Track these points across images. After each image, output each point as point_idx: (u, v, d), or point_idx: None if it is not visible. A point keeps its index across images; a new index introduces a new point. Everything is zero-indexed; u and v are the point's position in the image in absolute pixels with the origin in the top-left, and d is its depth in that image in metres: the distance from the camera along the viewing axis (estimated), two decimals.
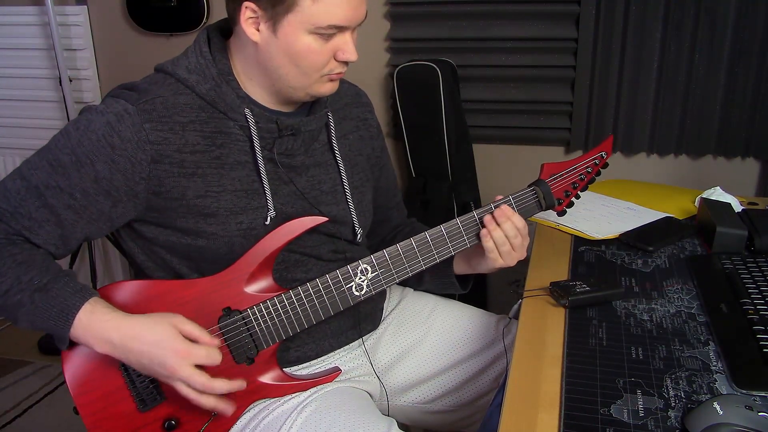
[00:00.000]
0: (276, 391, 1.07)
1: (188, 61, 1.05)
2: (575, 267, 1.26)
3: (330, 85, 1.05)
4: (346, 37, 1.00)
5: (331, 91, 1.07)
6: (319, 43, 0.99)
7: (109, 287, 1.03)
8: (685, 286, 1.17)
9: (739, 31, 1.88)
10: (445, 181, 2.12)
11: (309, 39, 0.98)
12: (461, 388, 1.26)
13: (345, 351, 1.19)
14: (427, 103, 2.05)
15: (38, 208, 0.98)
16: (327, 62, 1.01)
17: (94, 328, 0.95)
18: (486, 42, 2.12)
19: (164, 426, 1.03)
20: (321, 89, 1.05)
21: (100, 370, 1.00)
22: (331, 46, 1.00)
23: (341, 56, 1.01)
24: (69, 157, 0.98)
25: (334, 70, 1.03)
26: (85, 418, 1.01)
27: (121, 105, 0.99)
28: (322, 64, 1.01)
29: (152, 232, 1.06)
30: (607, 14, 1.96)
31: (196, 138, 1.02)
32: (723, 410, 0.80)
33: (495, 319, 1.31)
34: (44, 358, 2.47)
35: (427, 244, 1.09)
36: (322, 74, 1.02)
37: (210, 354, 0.97)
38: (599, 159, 1.21)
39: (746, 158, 2.04)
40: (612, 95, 2.05)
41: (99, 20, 2.50)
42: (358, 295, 1.08)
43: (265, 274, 1.05)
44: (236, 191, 1.04)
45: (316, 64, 1.00)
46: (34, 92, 2.57)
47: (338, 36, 1.00)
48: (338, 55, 1.01)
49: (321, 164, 1.14)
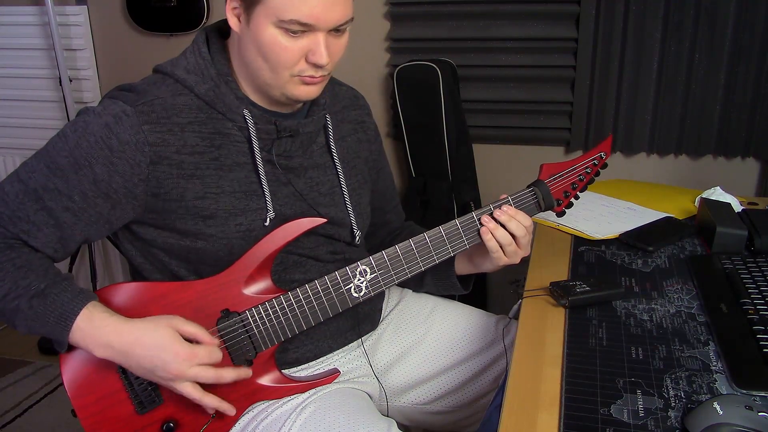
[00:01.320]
0: (275, 393, 1.07)
1: (187, 61, 1.04)
2: (575, 267, 1.26)
3: (304, 88, 1.01)
4: (318, 39, 0.97)
5: (308, 95, 1.03)
6: (286, 38, 0.96)
7: (107, 289, 1.03)
8: (685, 286, 1.17)
9: (739, 31, 1.88)
10: (445, 181, 2.12)
11: (274, 32, 0.96)
12: (461, 388, 1.25)
13: (344, 352, 1.19)
14: (427, 103, 2.05)
15: (36, 212, 0.98)
16: (296, 62, 0.98)
17: (93, 333, 0.95)
18: (486, 42, 2.12)
19: (163, 428, 1.02)
20: (295, 91, 1.01)
21: (98, 372, 1.00)
22: (302, 45, 0.97)
23: (310, 58, 0.98)
24: (67, 160, 0.97)
25: (305, 72, 0.99)
26: (83, 420, 1.00)
27: (119, 106, 0.98)
28: (289, 61, 0.98)
29: (151, 234, 1.05)
30: (607, 14, 1.96)
31: (194, 139, 1.01)
32: (723, 410, 0.80)
33: (495, 319, 1.31)
34: (44, 358, 2.47)
35: (426, 246, 1.09)
36: (291, 74, 0.99)
37: (212, 353, 0.98)
38: (598, 159, 1.21)
39: (746, 158, 2.04)
40: (612, 95, 2.04)
41: (99, 20, 2.50)
42: (357, 297, 1.08)
43: (264, 275, 1.05)
44: (235, 192, 1.04)
45: (282, 60, 0.98)
46: (34, 92, 2.57)
47: (309, 36, 0.97)
48: (308, 57, 0.98)
49: (319, 166, 1.14)
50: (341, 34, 1.00)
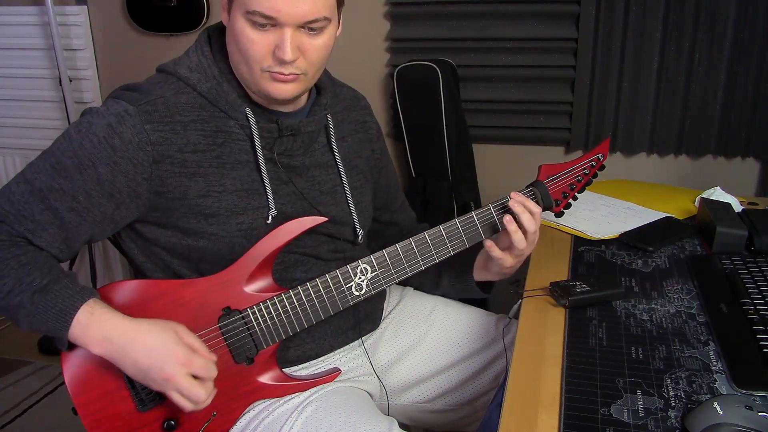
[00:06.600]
0: (275, 392, 1.07)
1: (190, 60, 1.05)
2: (575, 267, 1.26)
3: (277, 86, 1.00)
4: (284, 34, 0.96)
5: (282, 94, 1.01)
6: (254, 31, 0.96)
7: (109, 287, 1.03)
8: (685, 286, 1.17)
9: (739, 31, 1.88)
10: (445, 181, 2.12)
11: (244, 23, 0.96)
12: (461, 387, 1.26)
13: (345, 351, 1.19)
14: (427, 103, 2.05)
15: (42, 211, 0.98)
16: (264, 56, 0.98)
17: (93, 327, 0.95)
18: (486, 42, 2.12)
19: (163, 426, 1.02)
20: (269, 88, 1.00)
21: (99, 369, 1.00)
22: (269, 40, 0.97)
23: (276, 52, 0.97)
24: (71, 160, 0.98)
25: (272, 68, 0.98)
26: (84, 418, 1.00)
27: (122, 106, 0.99)
28: (257, 54, 0.98)
29: (153, 232, 1.06)
30: (607, 14, 1.96)
31: (197, 137, 1.02)
32: (723, 410, 0.80)
33: (495, 318, 1.31)
34: (44, 358, 2.46)
35: (426, 245, 1.09)
36: (262, 68, 0.99)
37: (208, 367, 0.97)
38: (596, 161, 1.21)
39: (746, 158, 2.04)
40: (612, 95, 2.04)
41: (99, 20, 2.50)
42: (357, 295, 1.08)
43: (265, 273, 1.05)
44: (237, 191, 1.04)
45: (251, 53, 0.98)
46: (34, 92, 2.56)
47: (277, 31, 0.96)
48: (275, 52, 0.97)
49: (320, 165, 1.14)
50: (317, 34, 0.99)
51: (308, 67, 1.01)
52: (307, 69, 1.01)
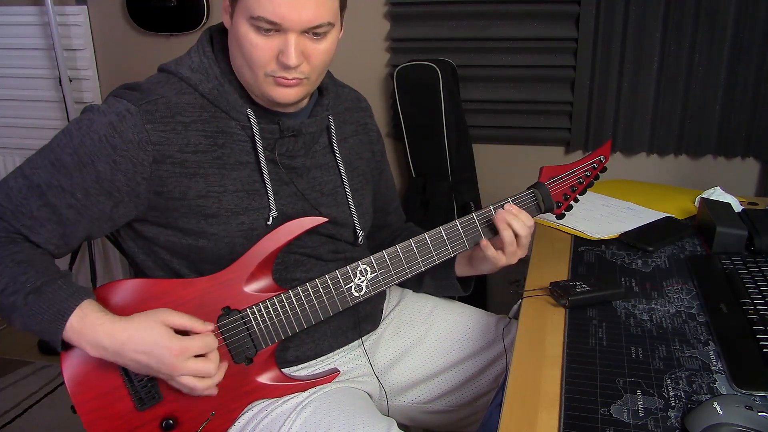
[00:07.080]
0: (274, 392, 1.07)
1: (191, 60, 1.05)
2: (575, 267, 1.26)
3: (280, 90, 1.00)
4: (288, 40, 0.96)
5: (285, 98, 1.01)
6: (257, 36, 0.96)
7: (109, 286, 1.03)
8: (685, 286, 1.17)
9: (739, 31, 1.88)
10: (445, 181, 2.12)
11: (247, 28, 0.96)
12: (461, 387, 1.25)
13: (344, 351, 1.19)
14: (427, 103, 2.05)
15: (40, 207, 0.98)
16: (268, 61, 0.98)
17: (86, 333, 0.94)
18: (486, 42, 2.12)
19: (162, 425, 1.02)
20: (272, 92, 1.01)
21: (98, 369, 1.00)
22: (273, 45, 0.97)
23: (280, 58, 0.97)
24: (71, 157, 0.98)
25: (276, 73, 0.98)
26: (82, 416, 1.00)
27: (123, 105, 0.99)
28: (261, 59, 0.98)
29: (153, 232, 1.06)
30: (607, 14, 1.96)
31: (198, 138, 1.02)
32: (723, 410, 0.80)
33: (495, 319, 1.31)
34: (44, 358, 2.46)
35: (426, 246, 1.09)
36: (265, 73, 0.99)
37: (205, 342, 0.97)
38: (597, 163, 1.21)
39: (746, 158, 2.03)
40: (612, 95, 2.04)
41: (99, 20, 2.50)
42: (357, 296, 1.08)
43: (265, 273, 1.05)
44: (237, 191, 1.04)
45: (255, 57, 0.98)
46: (34, 92, 2.56)
47: (281, 36, 0.96)
48: (279, 57, 0.97)
49: (321, 166, 1.14)
50: (321, 39, 0.99)
51: (311, 72, 1.01)
52: (311, 73, 1.01)
